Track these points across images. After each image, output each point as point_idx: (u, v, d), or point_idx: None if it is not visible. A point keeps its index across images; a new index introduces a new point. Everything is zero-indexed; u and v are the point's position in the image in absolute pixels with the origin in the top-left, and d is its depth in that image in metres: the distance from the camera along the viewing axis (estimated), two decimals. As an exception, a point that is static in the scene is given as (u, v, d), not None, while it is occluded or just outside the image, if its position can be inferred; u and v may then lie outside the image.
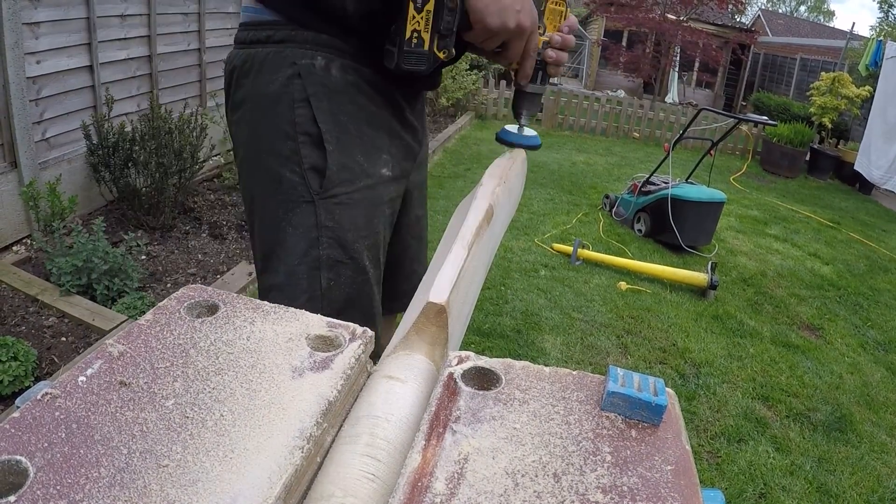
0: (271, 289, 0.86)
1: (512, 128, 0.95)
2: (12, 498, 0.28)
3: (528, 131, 0.95)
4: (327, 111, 0.83)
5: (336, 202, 0.83)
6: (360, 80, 0.86)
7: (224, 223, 3.37)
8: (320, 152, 0.83)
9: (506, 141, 0.94)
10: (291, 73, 0.82)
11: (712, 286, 3.48)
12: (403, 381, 0.41)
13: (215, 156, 3.95)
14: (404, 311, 1.23)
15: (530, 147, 0.95)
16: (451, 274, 0.51)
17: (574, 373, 0.41)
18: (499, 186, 0.72)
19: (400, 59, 0.77)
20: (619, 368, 0.39)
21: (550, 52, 0.88)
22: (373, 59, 0.85)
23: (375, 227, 0.89)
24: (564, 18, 0.91)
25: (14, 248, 2.79)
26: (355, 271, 0.86)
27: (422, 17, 0.74)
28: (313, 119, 0.82)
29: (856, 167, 7.56)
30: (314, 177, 0.83)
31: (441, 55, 0.77)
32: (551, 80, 1.00)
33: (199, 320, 0.42)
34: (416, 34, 0.75)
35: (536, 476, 0.33)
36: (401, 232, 1.07)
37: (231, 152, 4.07)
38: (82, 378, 0.35)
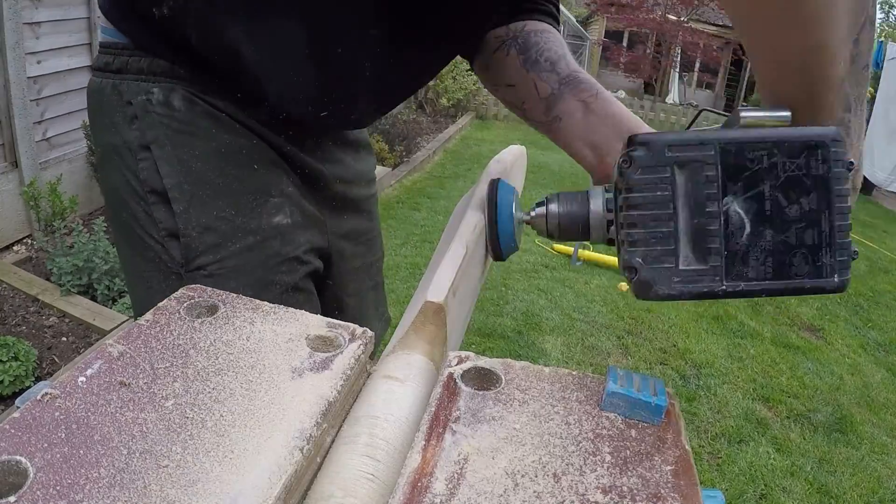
0: None
1: (518, 210, 0.62)
2: (12, 498, 0.28)
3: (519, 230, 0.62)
4: (172, 159, 0.65)
5: (205, 274, 0.66)
6: (214, 109, 0.67)
7: (225, 223, 3.37)
8: (173, 215, 0.66)
9: (494, 203, 0.61)
10: (129, 115, 0.66)
11: (713, 287, 3.48)
12: (402, 380, 0.41)
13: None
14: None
15: (497, 248, 0.63)
16: (450, 272, 0.51)
17: (574, 373, 0.41)
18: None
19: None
20: (618, 369, 0.39)
21: None
22: (226, 91, 0.67)
23: (274, 298, 0.66)
24: None
25: (15, 247, 2.79)
26: None
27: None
28: (157, 172, 0.65)
29: (857, 168, 7.56)
30: (174, 245, 0.66)
31: None
32: None
33: (199, 320, 0.42)
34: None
35: (536, 476, 0.33)
36: (333, 290, 0.89)
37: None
38: (82, 378, 0.35)
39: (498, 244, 0.62)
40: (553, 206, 0.58)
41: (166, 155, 0.65)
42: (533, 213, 0.60)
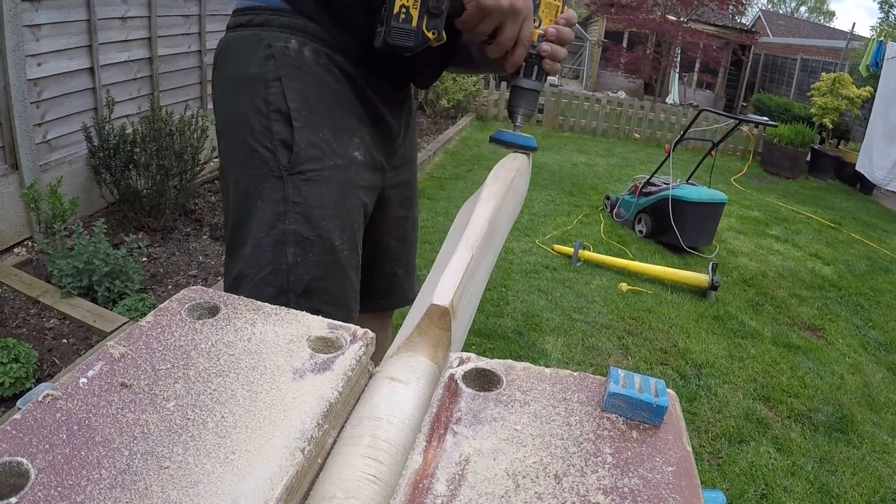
0: (238, 259, 0.87)
1: (507, 129, 0.92)
2: (14, 499, 0.28)
3: (524, 133, 0.92)
4: (297, 90, 0.86)
5: (304, 178, 0.85)
6: (332, 64, 0.90)
7: (225, 225, 3.37)
8: (290, 129, 0.85)
9: (500, 141, 0.90)
10: (267, 55, 0.86)
11: (713, 287, 3.48)
12: (405, 382, 0.41)
13: (216, 157, 3.95)
14: (381, 310, 1.20)
15: (525, 148, 0.90)
16: (455, 276, 0.51)
17: (575, 374, 0.41)
18: (503, 188, 0.72)
19: (386, 34, 0.76)
20: (619, 370, 0.39)
21: (545, 46, 0.87)
22: (347, 47, 0.90)
23: (348, 209, 0.89)
24: (560, 12, 0.90)
25: (15, 249, 2.79)
26: (323, 250, 0.85)
27: None
28: (284, 97, 0.85)
29: (857, 168, 7.56)
30: (284, 153, 0.85)
31: (430, 35, 0.77)
32: (552, 81, 0.96)
33: (200, 322, 0.42)
34: (404, 10, 0.75)
35: (537, 477, 0.33)
36: (379, 230, 1.08)
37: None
38: (83, 380, 0.35)
39: (522, 148, 0.88)
40: (517, 108, 0.90)
41: (293, 86, 0.86)
42: (518, 121, 0.91)
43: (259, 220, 0.85)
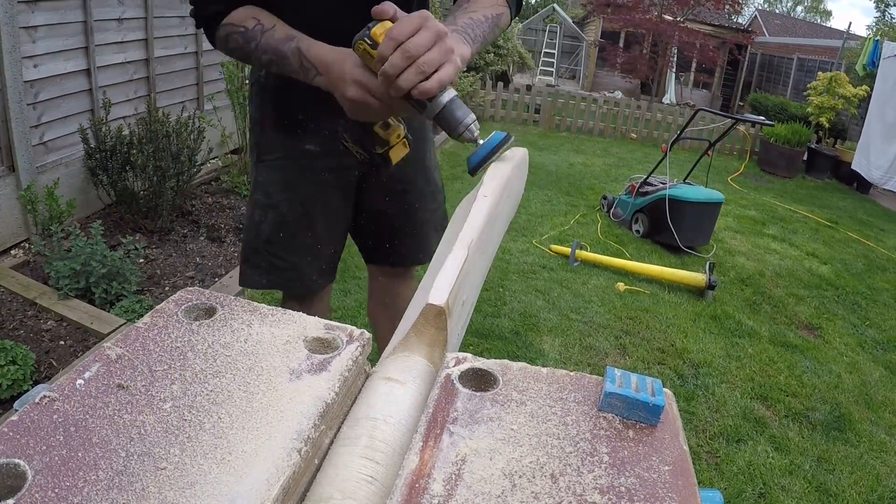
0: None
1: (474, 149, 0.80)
2: (11, 501, 0.28)
3: (487, 138, 0.80)
4: (258, 104, 1.21)
5: (264, 166, 1.22)
6: (285, 83, 1.08)
7: (222, 226, 3.36)
8: (259, 132, 1.22)
9: (479, 162, 0.79)
10: (253, 81, 1.22)
11: (710, 286, 3.48)
12: (402, 382, 0.41)
13: (213, 159, 3.94)
14: (393, 266, 1.46)
15: (502, 145, 0.79)
16: (451, 275, 0.51)
17: (571, 374, 0.41)
18: (499, 187, 0.72)
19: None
20: (616, 369, 0.39)
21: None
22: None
23: (296, 187, 1.20)
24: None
25: (12, 251, 2.79)
26: (276, 214, 1.20)
27: None
28: (252, 112, 1.23)
29: (853, 167, 7.57)
30: (255, 148, 1.24)
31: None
32: (548, 81, 0.85)
33: (197, 323, 0.42)
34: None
35: (534, 477, 0.33)
36: (371, 198, 1.29)
37: (228, 156, 4.04)
38: (80, 381, 0.35)
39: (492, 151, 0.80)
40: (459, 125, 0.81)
41: (256, 101, 1.21)
42: (467, 134, 0.80)
43: (250, 192, 1.26)
